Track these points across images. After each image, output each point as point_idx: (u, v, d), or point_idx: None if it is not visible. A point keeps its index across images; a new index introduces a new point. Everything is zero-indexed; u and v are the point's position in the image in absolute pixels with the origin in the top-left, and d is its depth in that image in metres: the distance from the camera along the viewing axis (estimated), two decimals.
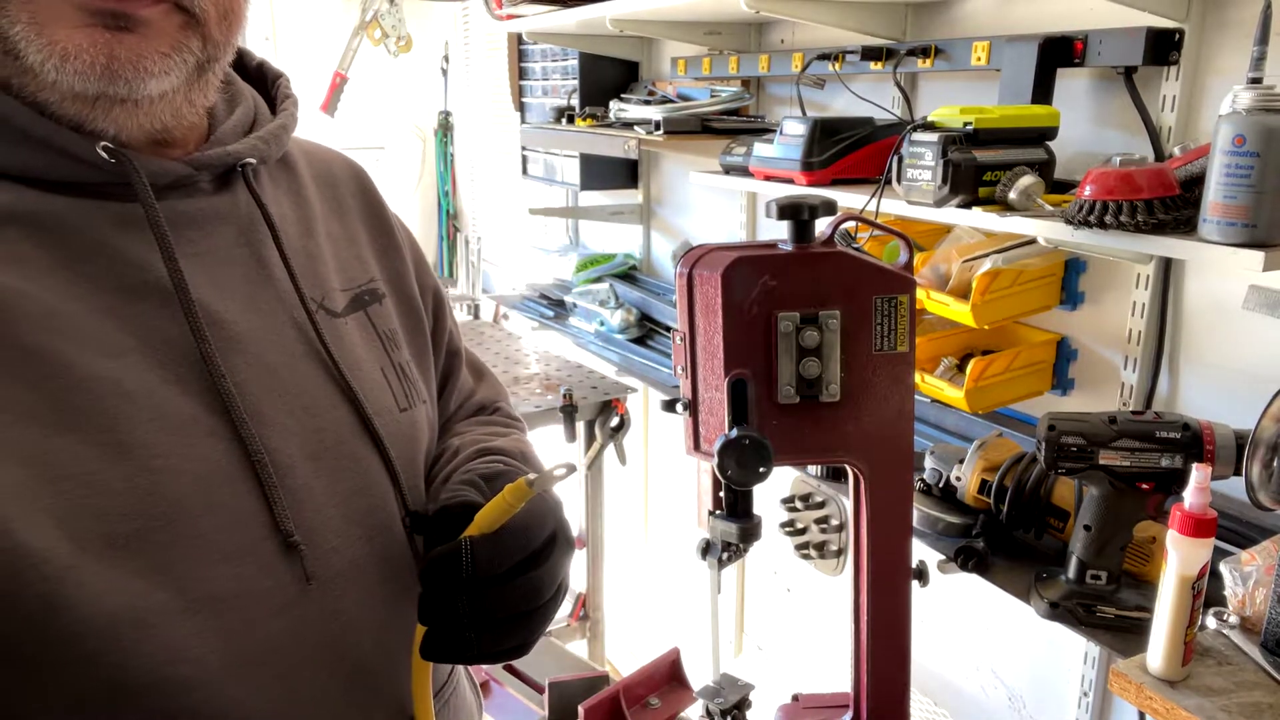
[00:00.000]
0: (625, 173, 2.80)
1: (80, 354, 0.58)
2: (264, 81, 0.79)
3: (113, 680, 0.57)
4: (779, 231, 0.82)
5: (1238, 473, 1.09)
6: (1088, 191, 1.17)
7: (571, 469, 0.69)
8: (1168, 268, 1.41)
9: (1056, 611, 1.23)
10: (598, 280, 2.85)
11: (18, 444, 0.55)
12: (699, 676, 1.07)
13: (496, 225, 3.95)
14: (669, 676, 1.38)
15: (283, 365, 0.68)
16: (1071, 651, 1.65)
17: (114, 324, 0.61)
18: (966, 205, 1.35)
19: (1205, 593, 0.96)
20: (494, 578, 0.67)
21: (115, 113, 0.61)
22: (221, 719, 0.61)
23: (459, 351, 0.96)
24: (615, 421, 2.46)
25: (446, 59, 3.99)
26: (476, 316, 3.50)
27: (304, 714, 0.66)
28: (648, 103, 2.32)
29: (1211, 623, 1.06)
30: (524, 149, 3.01)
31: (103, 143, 0.60)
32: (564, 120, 2.61)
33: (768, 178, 1.74)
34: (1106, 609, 1.21)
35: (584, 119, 2.52)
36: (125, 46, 0.59)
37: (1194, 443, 1.14)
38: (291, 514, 0.65)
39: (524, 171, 3.05)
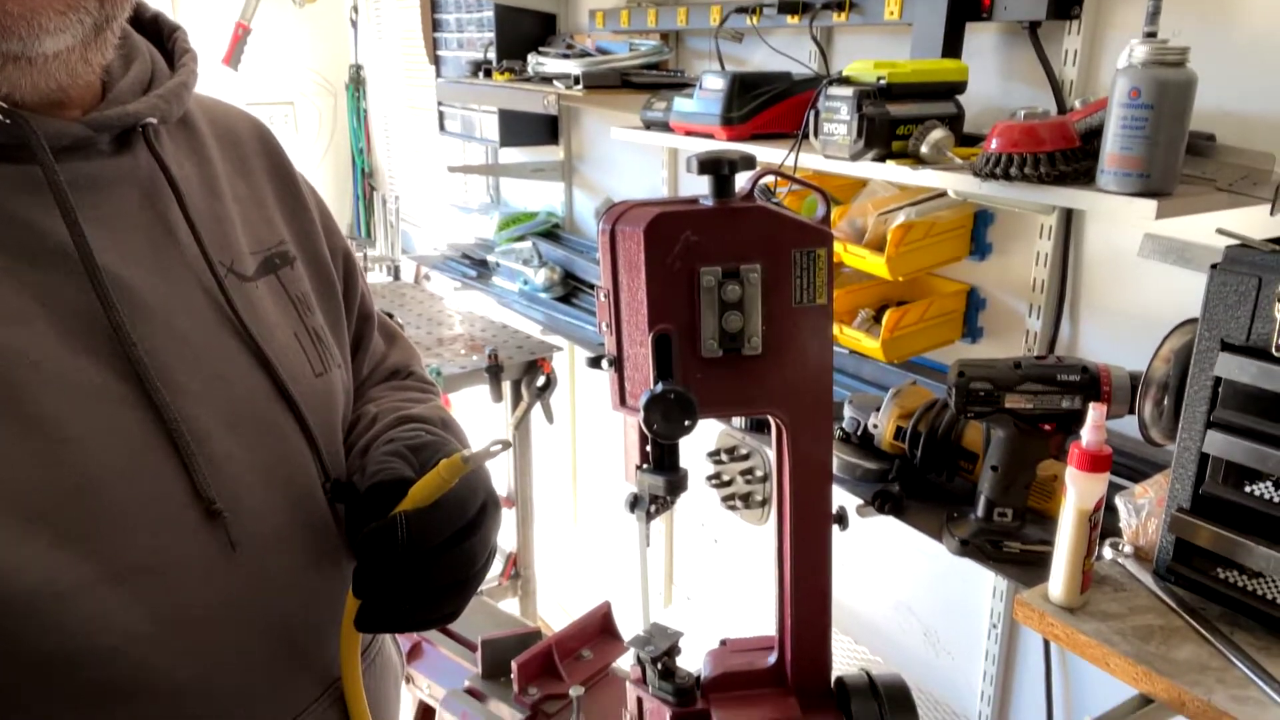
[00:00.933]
0: (545, 129, 2.76)
1: None
2: (160, 35, 0.76)
3: (39, 653, 0.57)
4: (700, 187, 0.83)
5: (1132, 411, 1.16)
6: (994, 145, 1.21)
7: (507, 445, 0.70)
8: (1069, 218, 1.48)
9: (966, 548, 1.30)
10: (520, 239, 2.82)
11: None
12: (630, 628, 1.09)
13: (415, 184, 3.86)
14: (600, 629, 1.40)
15: (194, 332, 0.67)
16: (981, 586, 1.74)
17: (17, 291, 0.59)
18: (881, 159, 1.37)
19: (1101, 525, 1.02)
20: (430, 550, 0.68)
21: (8, 71, 0.58)
22: (151, 687, 0.61)
23: (371, 315, 0.95)
24: (541, 380, 2.46)
25: (356, 9, 3.85)
26: (397, 278, 3.43)
27: (233, 679, 0.66)
28: (566, 56, 2.28)
29: (1108, 553, 1.13)
30: (440, 104, 2.94)
31: None
32: (481, 74, 2.55)
33: (688, 133, 1.74)
34: (1012, 544, 1.28)
35: (501, 73, 2.47)
36: (17, 1, 0.56)
37: (1092, 384, 1.20)
38: (212, 482, 0.64)
39: (441, 128, 2.98)
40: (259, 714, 0.69)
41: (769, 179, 1.31)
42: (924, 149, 1.35)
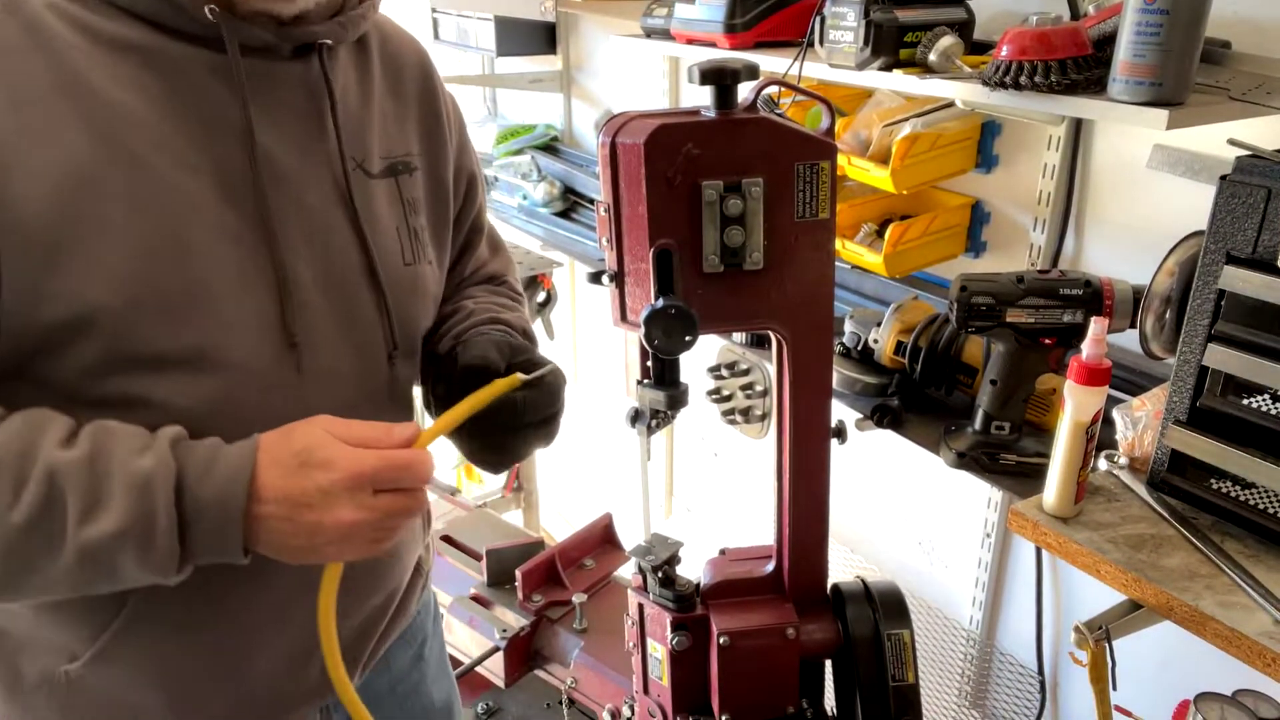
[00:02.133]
0: (543, 37, 2.68)
1: (169, 166, 0.74)
2: None
3: (131, 395, 0.75)
4: (702, 98, 0.81)
5: (1134, 325, 1.16)
6: (1004, 52, 1.17)
7: (554, 368, 0.89)
8: (1078, 129, 1.45)
9: (963, 460, 1.32)
10: (519, 153, 2.77)
11: (111, 220, 0.71)
12: (631, 539, 1.11)
13: None
14: (602, 539, 1.44)
15: (316, 206, 0.83)
16: (976, 497, 1.77)
17: (196, 149, 0.76)
18: (887, 68, 1.34)
19: (1098, 437, 1.04)
20: (528, 423, 0.88)
21: None
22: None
23: (482, 228, 1.13)
24: (542, 297, 2.46)
25: None
26: None
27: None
28: None
29: (1103, 464, 1.15)
30: (434, 10, 2.85)
31: (209, 4, 0.74)
32: None
33: (690, 41, 1.69)
34: (1009, 456, 1.29)
35: None
36: None
37: (1094, 298, 1.20)
38: (297, 320, 0.81)
39: (435, 35, 2.90)
40: None
41: (772, 89, 1.28)
42: (932, 57, 1.32)
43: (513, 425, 0.87)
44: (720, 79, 0.78)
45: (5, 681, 0.86)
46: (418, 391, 1.02)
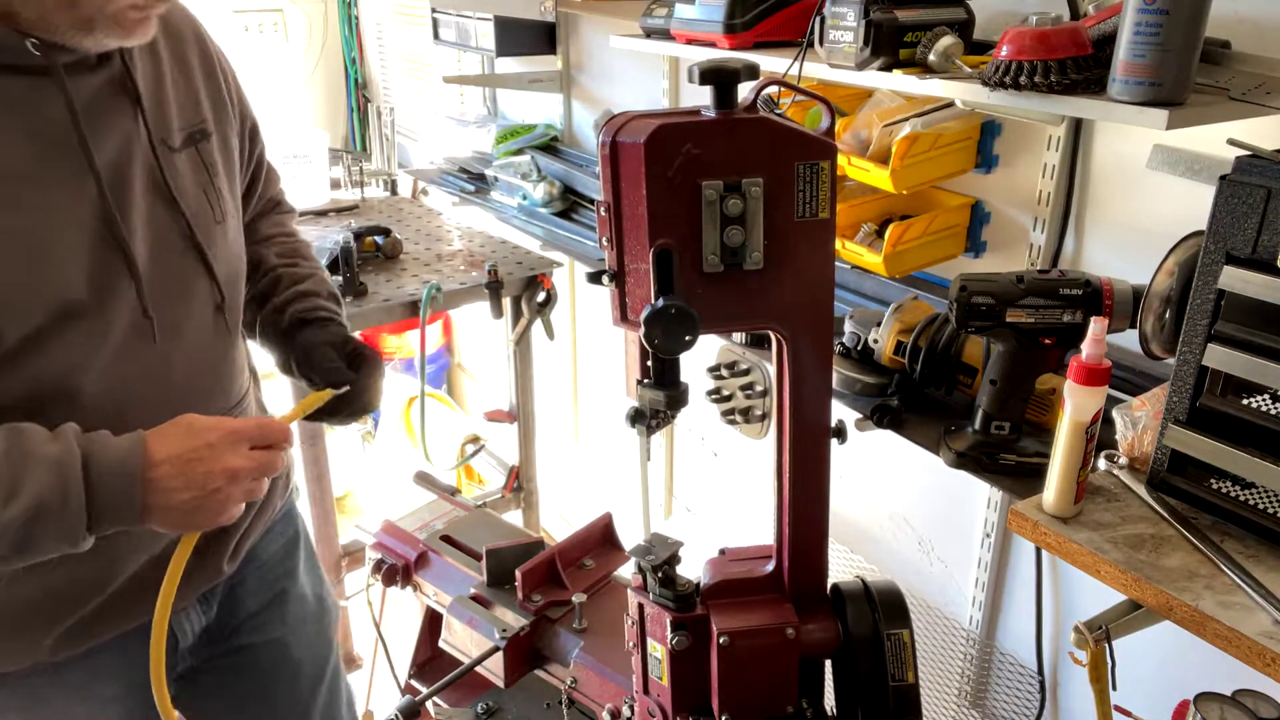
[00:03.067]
0: (543, 37, 2.68)
1: (19, 181, 0.88)
2: None
3: (30, 375, 0.89)
4: (702, 98, 0.81)
5: (1134, 325, 1.16)
6: (1004, 52, 1.17)
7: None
8: (1078, 129, 1.45)
9: (963, 460, 1.32)
10: (518, 152, 2.77)
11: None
12: (631, 539, 1.11)
13: (410, 95, 3.78)
14: (602, 539, 1.43)
15: (140, 190, 0.97)
16: (976, 497, 1.77)
17: (37, 158, 0.89)
18: (887, 68, 1.34)
19: (1098, 437, 1.04)
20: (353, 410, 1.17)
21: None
22: (80, 407, 0.93)
23: (264, 164, 1.29)
24: (542, 296, 2.45)
25: None
26: (394, 193, 3.38)
27: (142, 415, 0.94)
28: None
29: (1103, 464, 1.15)
30: (434, 11, 2.85)
31: (30, 39, 0.86)
32: None
33: (690, 41, 1.69)
34: (1008, 456, 1.29)
35: None
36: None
37: (1094, 298, 1.20)
38: (149, 295, 0.97)
39: (435, 36, 2.90)
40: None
41: (772, 89, 1.28)
42: (932, 57, 1.32)
43: (343, 414, 1.17)
44: (720, 79, 0.78)
45: None
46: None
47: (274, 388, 1.55)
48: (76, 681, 1.08)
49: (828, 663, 0.99)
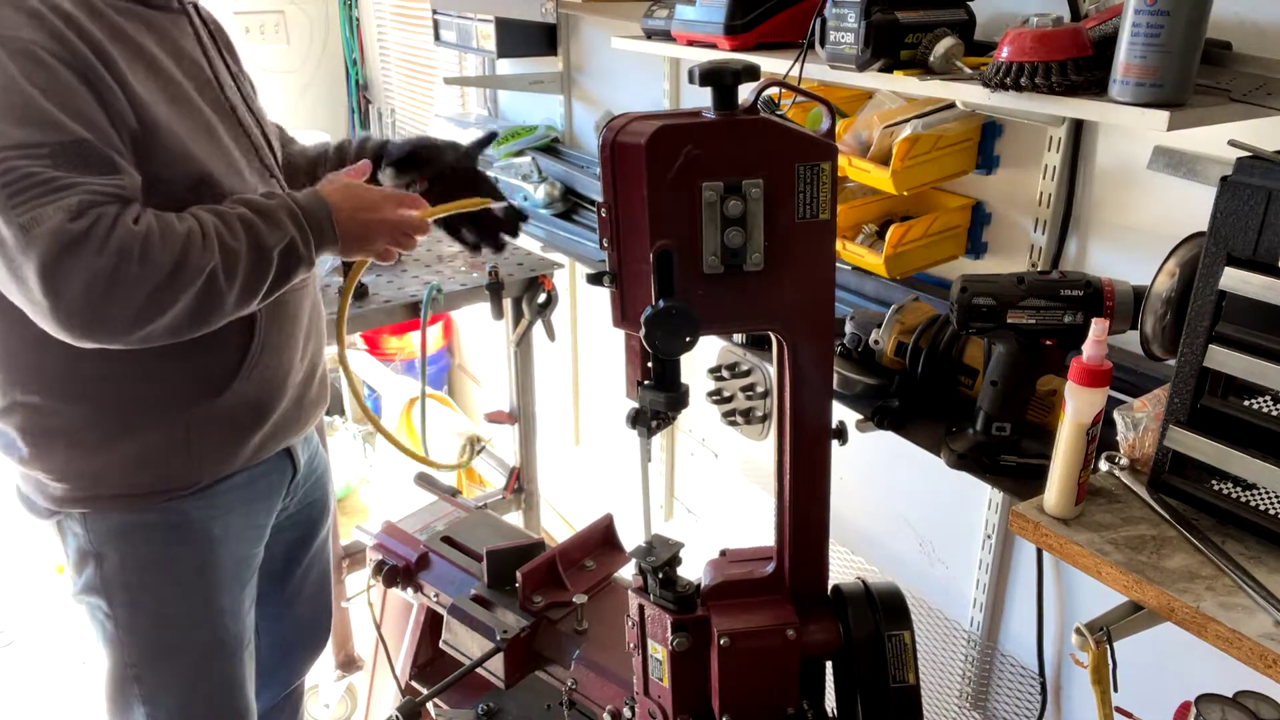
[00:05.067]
0: (544, 38, 2.68)
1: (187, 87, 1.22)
2: None
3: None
4: (703, 99, 0.81)
5: (1134, 326, 1.16)
6: (1004, 53, 1.17)
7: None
8: (1079, 131, 1.45)
9: (964, 461, 1.31)
10: (519, 154, 2.77)
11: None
12: (631, 540, 1.11)
13: (411, 97, 3.78)
14: (603, 540, 1.43)
15: (238, 103, 1.31)
16: (977, 498, 1.77)
17: (181, 80, 1.21)
18: (888, 69, 1.34)
19: (1099, 438, 1.04)
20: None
21: None
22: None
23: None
24: (542, 298, 2.46)
25: None
26: None
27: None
28: None
29: (1104, 466, 1.15)
30: (434, 12, 2.85)
31: None
32: None
33: (690, 42, 1.69)
34: (1009, 457, 1.29)
35: None
36: None
37: (1095, 299, 1.20)
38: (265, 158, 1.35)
39: (436, 38, 2.90)
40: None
41: (773, 90, 1.28)
42: (933, 58, 1.32)
43: (486, 234, 1.59)
44: (721, 80, 0.78)
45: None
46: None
47: None
48: (259, 488, 1.40)
49: (829, 664, 0.99)
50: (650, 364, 0.85)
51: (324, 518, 1.66)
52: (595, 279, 0.86)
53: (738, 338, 1.85)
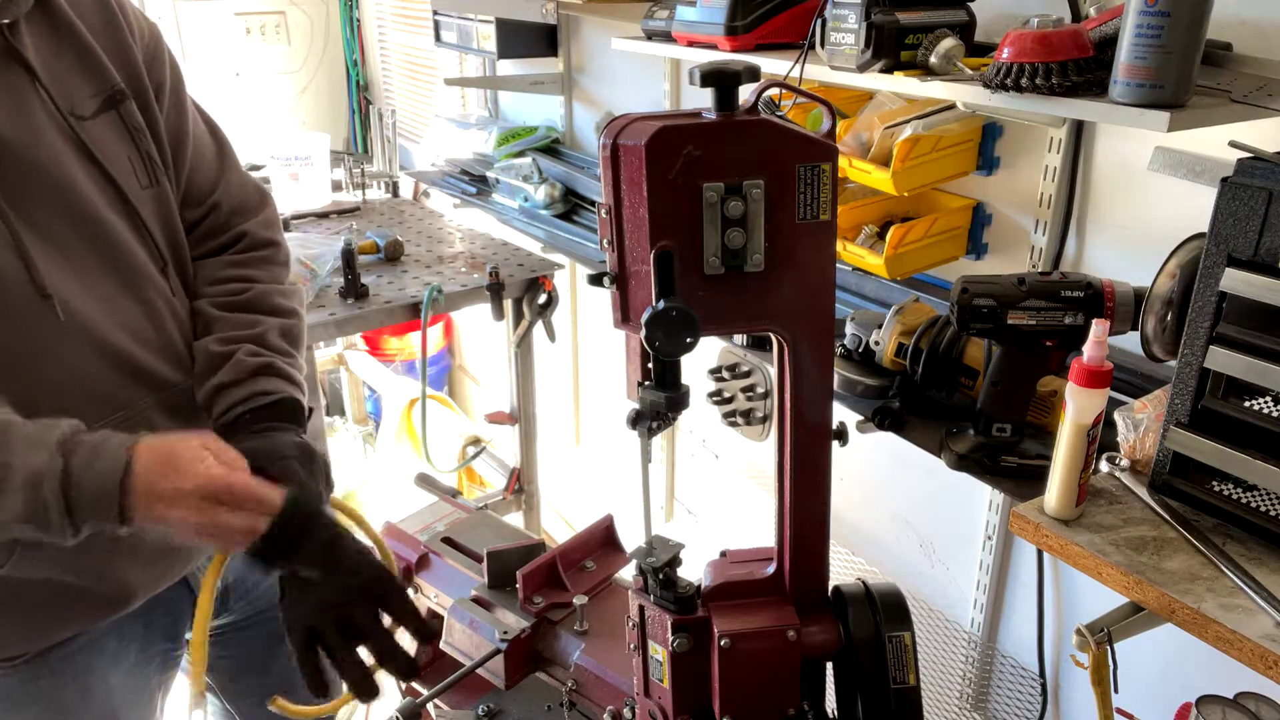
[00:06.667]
0: (544, 39, 2.68)
1: None
2: None
3: None
4: (703, 100, 0.81)
5: (1135, 327, 1.16)
6: (1005, 54, 1.17)
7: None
8: (1079, 131, 1.45)
9: (964, 462, 1.31)
10: (520, 155, 2.77)
11: None
12: (632, 541, 1.11)
13: (411, 97, 3.78)
14: (603, 541, 1.43)
15: (49, 161, 0.94)
16: (978, 499, 1.77)
17: None
18: (888, 70, 1.34)
19: (1100, 439, 1.03)
20: None
21: None
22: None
23: (185, 138, 1.13)
24: (543, 298, 2.46)
25: None
26: (395, 194, 3.39)
27: (63, 399, 0.96)
28: None
29: (1104, 467, 1.14)
30: (435, 13, 2.85)
31: None
32: None
33: (691, 43, 1.69)
34: (1010, 458, 1.29)
35: None
36: None
37: (1096, 300, 1.20)
38: (46, 272, 0.93)
39: (437, 39, 2.90)
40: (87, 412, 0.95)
41: (773, 91, 1.28)
42: (933, 59, 1.32)
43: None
44: (721, 81, 0.78)
45: None
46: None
47: None
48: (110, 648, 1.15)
49: (829, 665, 0.99)
50: (651, 365, 0.85)
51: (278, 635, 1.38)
52: (596, 280, 0.86)
53: (738, 339, 1.85)
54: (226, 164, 1.19)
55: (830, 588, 0.98)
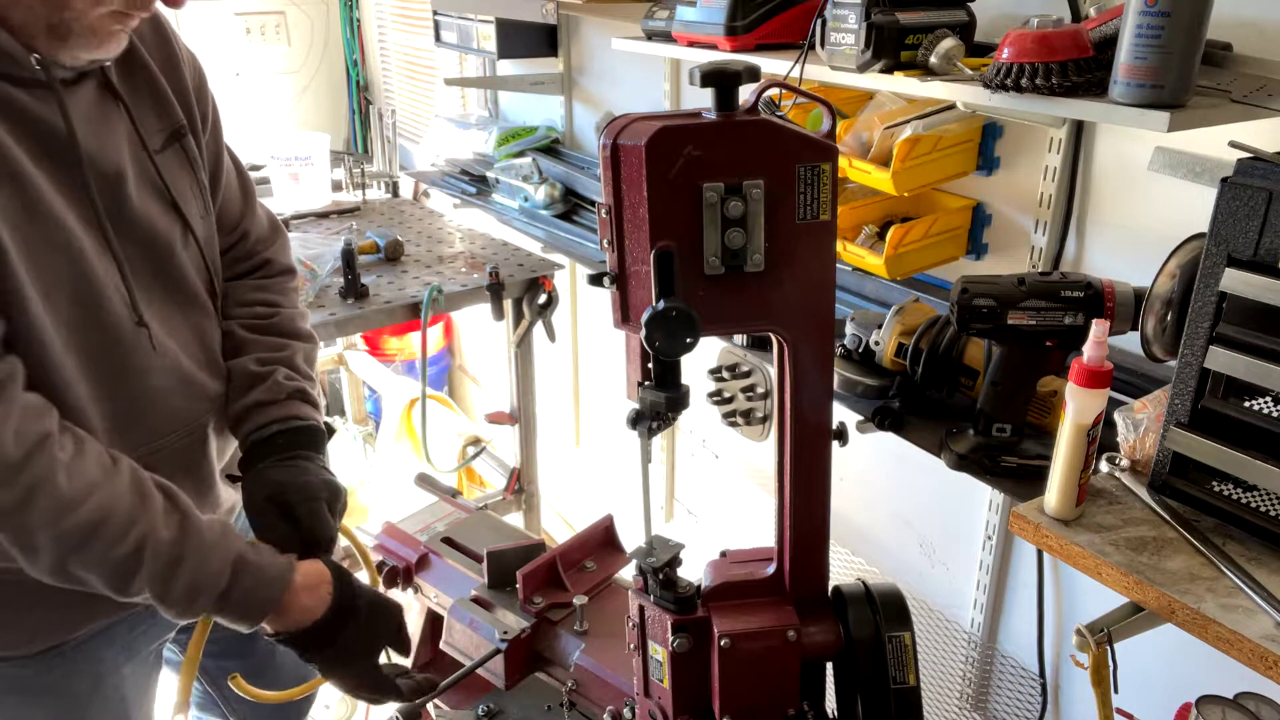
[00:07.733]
0: (544, 39, 2.68)
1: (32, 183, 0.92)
2: None
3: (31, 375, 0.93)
4: (703, 100, 0.81)
5: (1135, 327, 1.16)
6: (1005, 54, 1.17)
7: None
8: (1079, 131, 1.45)
9: (964, 462, 1.31)
10: (520, 155, 2.77)
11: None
12: (632, 541, 1.11)
13: (411, 98, 3.78)
14: (603, 541, 1.43)
15: (134, 195, 1.01)
16: (978, 499, 1.77)
17: (33, 160, 0.92)
18: (888, 70, 1.34)
19: (1100, 440, 1.03)
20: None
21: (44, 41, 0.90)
22: (78, 415, 0.97)
23: (222, 168, 1.21)
24: (543, 298, 2.46)
25: None
26: (395, 194, 3.39)
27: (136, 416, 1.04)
28: None
29: (1104, 467, 1.14)
30: (435, 13, 2.85)
31: (34, 55, 0.90)
32: None
33: (691, 43, 1.69)
34: (1010, 459, 1.29)
35: None
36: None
37: (1096, 300, 1.20)
38: (140, 300, 1.01)
39: (437, 39, 2.90)
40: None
41: (773, 91, 1.28)
42: (933, 59, 1.32)
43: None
44: (721, 81, 0.78)
45: None
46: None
47: None
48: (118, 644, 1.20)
49: (829, 665, 0.99)
50: (651, 365, 0.85)
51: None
52: (596, 280, 0.86)
53: (738, 339, 1.85)
54: (249, 192, 1.28)
55: (830, 588, 0.98)
